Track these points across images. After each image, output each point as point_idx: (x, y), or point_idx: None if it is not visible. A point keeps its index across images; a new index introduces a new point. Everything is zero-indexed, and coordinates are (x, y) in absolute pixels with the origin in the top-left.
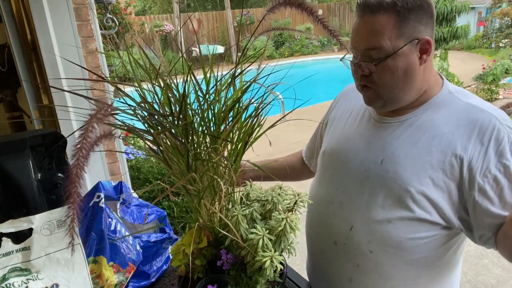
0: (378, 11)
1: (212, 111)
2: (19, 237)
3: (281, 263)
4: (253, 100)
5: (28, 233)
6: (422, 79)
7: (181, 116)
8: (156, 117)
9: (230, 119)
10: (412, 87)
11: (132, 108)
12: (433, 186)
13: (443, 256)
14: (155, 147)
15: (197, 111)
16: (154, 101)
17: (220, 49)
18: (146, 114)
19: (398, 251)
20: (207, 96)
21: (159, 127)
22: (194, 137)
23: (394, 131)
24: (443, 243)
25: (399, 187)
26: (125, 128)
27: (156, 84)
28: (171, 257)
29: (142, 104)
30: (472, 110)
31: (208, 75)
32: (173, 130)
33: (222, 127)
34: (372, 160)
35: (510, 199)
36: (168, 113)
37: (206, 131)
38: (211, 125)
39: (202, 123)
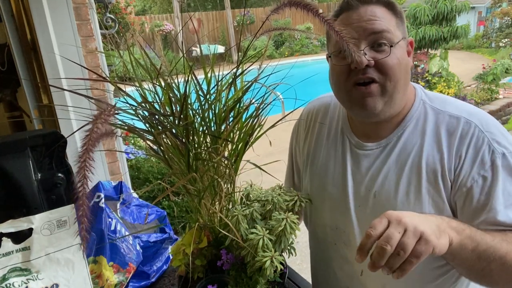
0: (370, 2)
1: (213, 111)
2: (19, 237)
3: (281, 263)
4: (253, 100)
5: (28, 233)
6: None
7: (182, 116)
8: (157, 116)
9: (231, 119)
10: (407, 85)
11: (133, 107)
12: (430, 207)
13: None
14: (155, 147)
15: (198, 111)
16: (155, 101)
17: (221, 49)
18: (147, 113)
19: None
20: (207, 96)
21: (160, 127)
22: (195, 137)
23: (378, 158)
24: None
25: None
26: (126, 128)
27: (157, 84)
28: (171, 257)
29: (143, 104)
30: (450, 122)
31: (208, 75)
32: (174, 130)
33: (222, 127)
34: (364, 194)
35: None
36: (169, 113)
37: (206, 131)
38: (212, 125)
39: (203, 123)
